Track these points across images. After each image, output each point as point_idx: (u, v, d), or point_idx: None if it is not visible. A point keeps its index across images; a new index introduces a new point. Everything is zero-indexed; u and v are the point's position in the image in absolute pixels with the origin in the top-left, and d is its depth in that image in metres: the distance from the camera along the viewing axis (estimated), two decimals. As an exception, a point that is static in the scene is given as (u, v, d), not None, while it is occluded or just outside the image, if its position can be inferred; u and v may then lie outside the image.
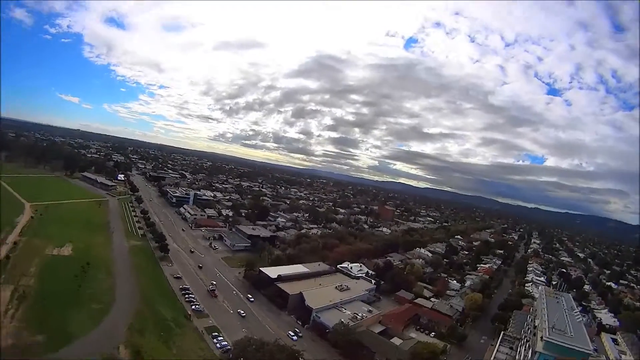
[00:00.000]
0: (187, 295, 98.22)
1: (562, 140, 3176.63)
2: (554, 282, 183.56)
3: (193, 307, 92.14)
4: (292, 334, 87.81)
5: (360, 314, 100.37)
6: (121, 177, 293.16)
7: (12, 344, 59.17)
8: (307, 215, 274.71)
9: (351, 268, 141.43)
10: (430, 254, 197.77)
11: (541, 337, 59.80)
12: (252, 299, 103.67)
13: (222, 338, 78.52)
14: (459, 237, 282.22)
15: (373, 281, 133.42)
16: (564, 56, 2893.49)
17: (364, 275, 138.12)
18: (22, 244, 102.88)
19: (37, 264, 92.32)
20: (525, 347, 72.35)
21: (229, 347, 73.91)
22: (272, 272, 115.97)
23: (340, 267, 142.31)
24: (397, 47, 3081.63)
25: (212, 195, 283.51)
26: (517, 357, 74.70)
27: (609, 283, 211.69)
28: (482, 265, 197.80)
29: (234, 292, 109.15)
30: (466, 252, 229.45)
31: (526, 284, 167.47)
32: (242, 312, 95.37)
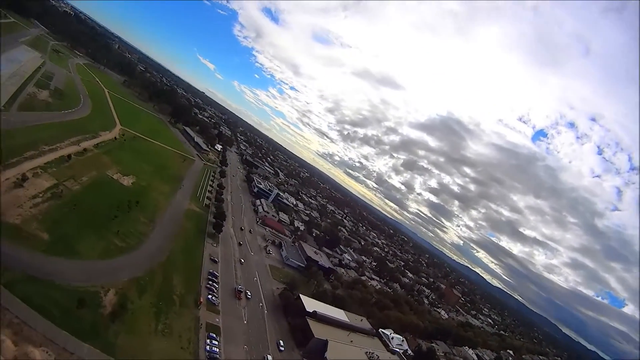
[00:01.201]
0: (211, 282, 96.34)
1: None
2: None
3: (209, 296, 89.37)
4: None
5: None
6: (219, 147, 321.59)
7: (17, 225, 62.89)
8: (375, 264, 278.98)
9: (392, 338, 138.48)
10: (476, 359, 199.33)
11: None
12: (283, 348, 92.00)
13: (216, 343, 72.88)
14: (510, 352, 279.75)
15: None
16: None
17: (401, 352, 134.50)
18: (90, 154, 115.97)
19: (91, 177, 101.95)
20: None
21: (217, 356, 67.61)
22: (310, 304, 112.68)
23: (382, 331, 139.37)
24: (525, 135, 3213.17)
25: (294, 203, 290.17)
26: None
27: None
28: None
29: (261, 304, 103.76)
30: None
31: None
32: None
